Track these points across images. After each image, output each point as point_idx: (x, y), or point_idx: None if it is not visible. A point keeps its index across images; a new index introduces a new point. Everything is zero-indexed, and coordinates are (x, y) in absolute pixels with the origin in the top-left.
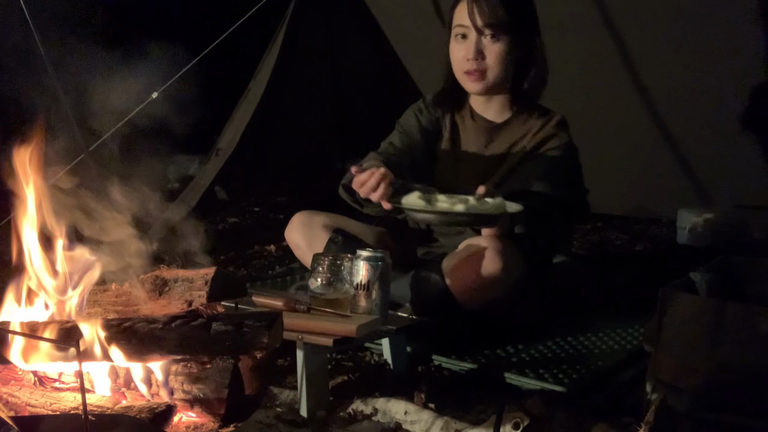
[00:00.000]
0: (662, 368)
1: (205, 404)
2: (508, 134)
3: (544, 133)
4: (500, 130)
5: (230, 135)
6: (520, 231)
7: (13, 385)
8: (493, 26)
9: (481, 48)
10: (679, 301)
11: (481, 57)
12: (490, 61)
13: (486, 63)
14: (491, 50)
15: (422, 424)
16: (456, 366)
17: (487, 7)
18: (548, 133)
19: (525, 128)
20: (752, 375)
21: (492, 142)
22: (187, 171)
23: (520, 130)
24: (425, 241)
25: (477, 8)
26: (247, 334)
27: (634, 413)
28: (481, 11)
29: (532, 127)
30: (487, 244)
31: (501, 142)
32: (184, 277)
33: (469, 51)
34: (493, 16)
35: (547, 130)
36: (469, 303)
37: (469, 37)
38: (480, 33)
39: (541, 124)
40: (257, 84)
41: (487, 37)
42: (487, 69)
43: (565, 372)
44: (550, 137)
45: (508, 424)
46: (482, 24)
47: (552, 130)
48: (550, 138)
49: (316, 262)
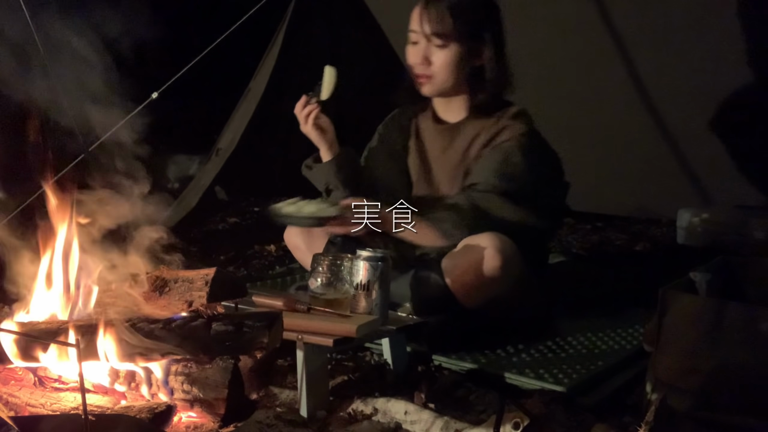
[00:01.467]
0: (662, 368)
1: (205, 404)
2: (466, 133)
3: (498, 126)
4: (458, 130)
5: (230, 135)
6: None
7: (13, 385)
8: (440, 35)
9: (427, 54)
10: (679, 301)
11: (428, 63)
12: (436, 67)
13: (432, 69)
14: (437, 56)
15: (422, 424)
16: (456, 366)
17: (435, 15)
18: (502, 125)
19: (481, 125)
20: (752, 375)
21: (453, 142)
22: (187, 171)
23: (476, 127)
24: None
25: (426, 16)
26: (247, 334)
27: (634, 413)
28: (429, 19)
29: (488, 122)
30: (487, 242)
31: (460, 141)
32: (185, 277)
33: (417, 56)
34: (440, 25)
35: (501, 122)
36: (469, 301)
37: (419, 43)
38: (428, 40)
39: (496, 117)
40: (257, 84)
41: (433, 44)
42: (433, 75)
43: (565, 372)
44: (502, 129)
45: (508, 424)
46: (430, 31)
47: (505, 122)
48: (502, 130)
49: (316, 262)
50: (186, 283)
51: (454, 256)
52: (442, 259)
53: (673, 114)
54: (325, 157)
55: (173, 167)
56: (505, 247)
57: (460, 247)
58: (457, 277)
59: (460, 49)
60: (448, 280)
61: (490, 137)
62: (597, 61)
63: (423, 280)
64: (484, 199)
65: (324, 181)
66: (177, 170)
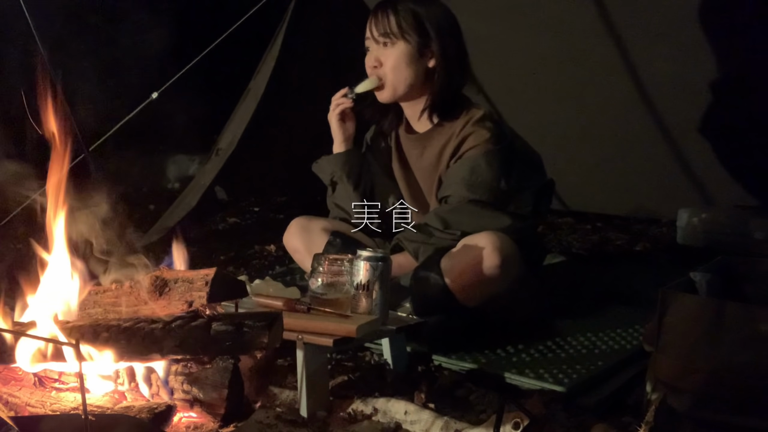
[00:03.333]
0: (662, 368)
1: (205, 404)
2: (436, 141)
3: (464, 132)
4: (429, 138)
5: (230, 135)
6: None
7: (13, 385)
8: (385, 35)
9: (378, 55)
10: (679, 301)
11: (379, 63)
12: (387, 68)
13: (383, 70)
14: (385, 56)
15: (422, 424)
16: (456, 366)
17: (381, 19)
18: (468, 131)
19: (450, 131)
20: (752, 375)
21: (425, 151)
22: (187, 171)
23: (445, 134)
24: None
25: (374, 21)
26: (247, 334)
27: (634, 413)
28: (376, 22)
29: (455, 127)
30: (485, 242)
31: (432, 149)
32: (185, 277)
33: (369, 61)
34: (385, 26)
35: (467, 129)
36: (469, 300)
37: (371, 49)
38: (377, 42)
39: (462, 123)
40: (257, 84)
41: (381, 45)
42: (385, 76)
43: (565, 372)
44: (468, 136)
45: (508, 424)
46: (377, 34)
47: (470, 128)
48: (467, 137)
49: (316, 262)
50: (186, 283)
51: (454, 256)
52: (442, 258)
53: (673, 114)
54: (337, 149)
55: (173, 167)
56: (504, 246)
57: (459, 247)
58: (456, 276)
59: (407, 46)
60: (448, 280)
61: (457, 144)
62: (597, 60)
63: (423, 280)
64: (456, 212)
65: (330, 171)
66: (177, 170)
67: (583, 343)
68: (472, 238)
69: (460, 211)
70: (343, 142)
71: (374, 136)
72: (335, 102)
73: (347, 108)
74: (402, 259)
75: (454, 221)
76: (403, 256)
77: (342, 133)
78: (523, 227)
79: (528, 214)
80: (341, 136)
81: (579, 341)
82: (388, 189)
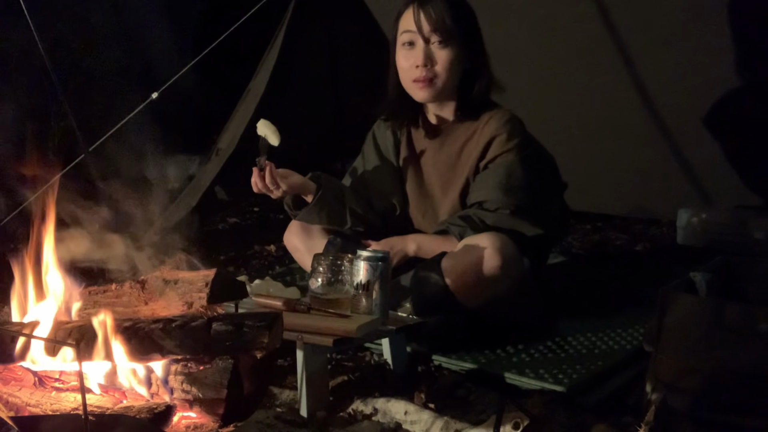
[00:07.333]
0: (662, 368)
1: (205, 404)
2: (457, 136)
3: (490, 130)
4: (449, 133)
5: (230, 135)
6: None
7: (13, 385)
8: (441, 32)
9: (430, 54)
10: (679, 301)
11: (431, 63)
12: (439, 67)
13: (435, 70)
14: (440, 56)
15: (422, 424)
16: (456, 366)
17: (434, 14)
18: (495, 131)
19: (473, 127)
20: (752, 375)
21: (443, 145)
22: (187, 171)
23: (467, 131)
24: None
25: (424, 15)
26: (247, 334)
27: (634, 413)
28: (429, 17)
29: (479, 125)
30: (486, 242)
31: (452, 145)
32: (185, 278)
33: (417, 58)
34: (440, 23)
35: (493, 127)
36: (469, 301)
37: (416, 45)
38: (427, 40)
39: (486, 119)
40: (257, 84)
41: (434, 43)
42: (436, 76)
43: (565, 372)
44: (496, 136)
45: (508, 424)
46: (429, 30)
47: (499, 128)
48: (496, 137)
49: (316, 262)
50: (186, 284)
51: (454, 256)
52: (442, 259)
53: (673, 114)
54: (306, 196)
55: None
56: (505, 247)
57: (460, 247)
58: (457, 277)
59: (460, 49)
60: (448, 280)
61: (485, 143)
62: (597, 60)
63: (423, 280)
64: (493, 217)
65: (316, 221)
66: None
67: (583, 343)
68: (474, 238)
69: (499, 218)
70: (303, 189)
71: (382, 130)
72: (267, 183)
73: (266, 173)
74: (441, 241)
75: (490, 226)
76: (444, 238)
77: (293, 188)
78: (557, 231)
79: (558, 220)
80: (297, 189)
81: (579, 341)
82: (387, 186)
